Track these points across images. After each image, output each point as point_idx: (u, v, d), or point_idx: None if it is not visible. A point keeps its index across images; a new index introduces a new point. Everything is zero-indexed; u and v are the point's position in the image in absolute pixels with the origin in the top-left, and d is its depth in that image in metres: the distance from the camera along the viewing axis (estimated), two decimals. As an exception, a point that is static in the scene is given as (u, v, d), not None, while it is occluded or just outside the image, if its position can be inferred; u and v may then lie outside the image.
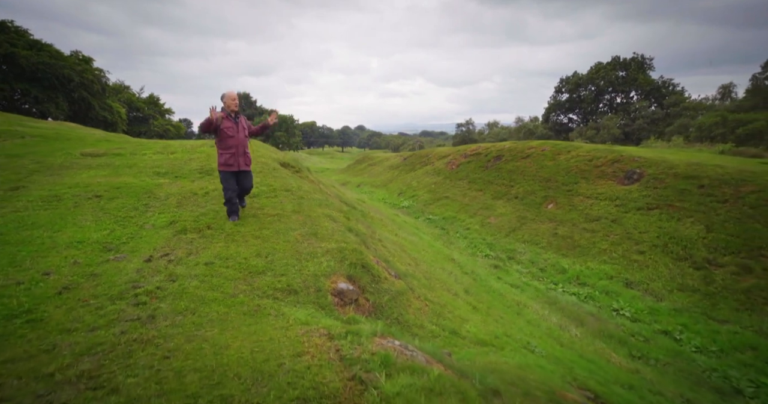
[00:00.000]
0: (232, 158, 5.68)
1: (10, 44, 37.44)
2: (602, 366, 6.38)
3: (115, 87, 54.20)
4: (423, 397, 2.43)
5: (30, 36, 41.28)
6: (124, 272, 4.25)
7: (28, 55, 38.17)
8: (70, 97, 42.11)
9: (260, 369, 2.70)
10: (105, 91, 45.95)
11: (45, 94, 40.40)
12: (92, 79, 43.16)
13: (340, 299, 4.54)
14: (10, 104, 39.37)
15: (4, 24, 39.30)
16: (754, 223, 10.45)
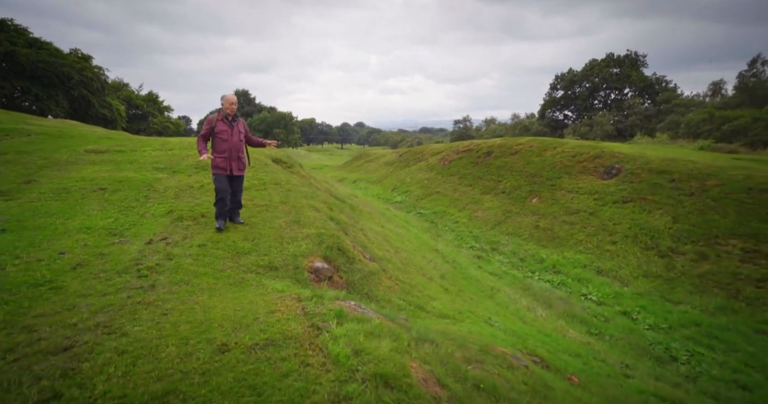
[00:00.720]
0: (225, 162, 5.64)
1: (10, 43, 37.86)
2: (557, 339, 7.08)
3: (114, 85, 54.72)
4: (362, 336, 3.12)
5: (29, 34, 41.65)
6: (128, 252, 4.94)
7: (28, 53, 38.59)
8: (70, 95, 42.60)
9: (239, 322, 3.38)
10: (104, 89, 46.45)
11: (45, 92, 40.86)
12: (91, 77, 43.65)
13: (315, 276, 5.23)
14: (11, 101, 39.90)
15: (3, 22, 39.69)
16: (714, 214, 11.15)
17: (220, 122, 5.63)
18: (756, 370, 7.03)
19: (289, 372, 2.71)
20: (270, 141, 6.14)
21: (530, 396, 3.46)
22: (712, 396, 6.37)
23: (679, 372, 7.06)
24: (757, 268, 9.39)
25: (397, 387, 2.66)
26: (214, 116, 5.67)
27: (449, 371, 3.18)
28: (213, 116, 5.68)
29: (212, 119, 5.65)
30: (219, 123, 5.63)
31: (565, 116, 53.82)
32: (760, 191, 11.16)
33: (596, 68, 48.71)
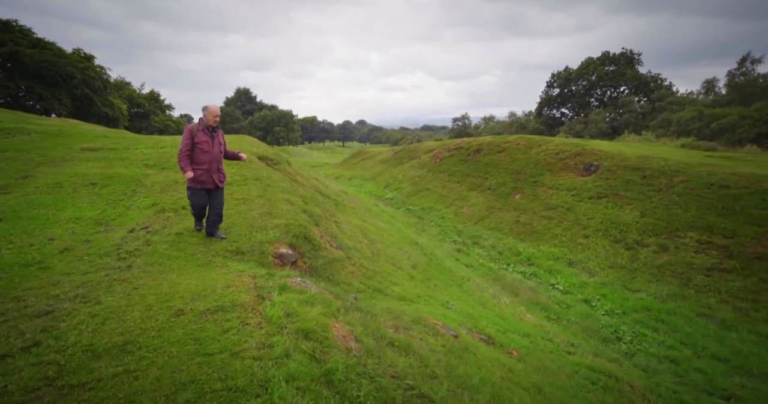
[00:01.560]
0: (205, 174, 5.47)
1: (15, 43, 38.56)
2: (512, 322, 7.67)
3: (116, 84, 55.46)
4: (296, 303, 3.73)
5: (33, 35, 42.32)
6: (111, 239, 5.56)
7: (32, 53, 39.28)
8: (73, 94, 43.35)
9: (198, 293, 3.99)
10: (106, 88, 47.20)
11: (48, 91, 41.61)
12: (93, 76, 44.37)
13: (279, 261, 5.84)
14: (15, 101, 40.68)
15: (8, 23, 40.42)
16: (677, 209, 11.69)
17: (201, 133, 5.40)
18: (688, 347, 7.64)
19: (229, 329, 3.32)
20: (244, 154, 6.05)
21: (442, 355, 4.07)
22: (642, 368, 6.96)
23: (619, 349, 7.66)
24: (708, 258, 9.95)
25: (315, 339, 3.26)
26: (194, 126, 5.41)
27: (369, 331, 3.78)
28: (192, 126, 5.43)
29: (192, 129, 5.40)
30: (199, 134, 5.39)
31: (562, 113, 54.24)
32: (719, 187, 11.70)
33: (592, 66, 49.09)
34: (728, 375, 6.78)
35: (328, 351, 3.21)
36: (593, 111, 46.13)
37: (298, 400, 2.61)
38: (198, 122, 5.52)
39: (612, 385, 5.99)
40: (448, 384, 3.62)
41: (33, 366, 2.76)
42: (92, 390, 2.54)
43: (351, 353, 3.33)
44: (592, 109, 49.02)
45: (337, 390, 2.87)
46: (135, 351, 2.98)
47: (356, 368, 3.16)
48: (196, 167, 5.43)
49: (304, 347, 3.14)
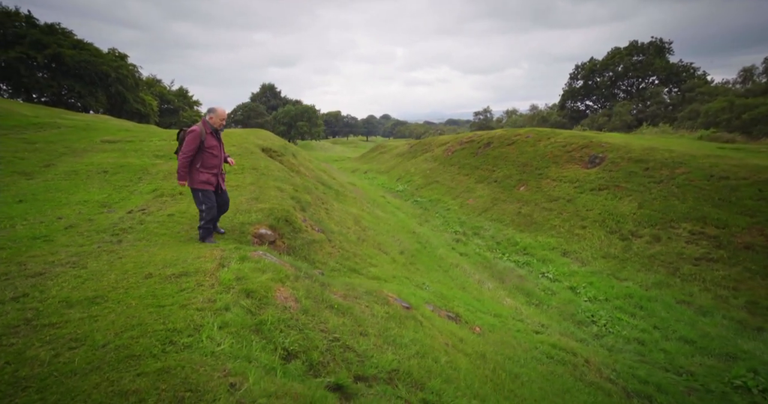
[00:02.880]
0: (214, 177, 5.38)
1: (58, 45, 41.01)
2: (487, 304, 8.05)
3: (147, 81, 58.04)
4: (249, 270, 4.29)
5: (74, 36, 44.77)
6: (110, 219, 6.31)
7: (73, 54, 41.67)
8: (108, 91, 45.69)
9: (170, 262, 4.62)
10: (138, 85, 49.50)
11: (86, 89, 44.07)
12: (126, 74, 46.62)
13: (259, 240, 6.45)
14: (59, 99, 43.31)
15: (52, 26, 42.98)
16: (675, 200, 11.66)
17: (210, 137, 5.28)
18: (659, 330, 7.84)
19: (185, 289, 3.91)
20: (232, 160, 5.96)
21: (381, 319, 4.56)
22: (607, 348, 7.24)
23: (591, 331, 7.93)
24: (698, 248, 9.96)
25: (255, 298, 3.81)
26: (200, 130, 5.18)
27: (311, 295, 4.31)
28: (199, 129, 5.19)
29: (200, 133, 5.17)
30: (209, 138, 5.26)
31: (587, 106, 52.99)
32: (719, 179, 11.59)
33: (618, 57, 47.67)
34: (690, 355, 6.98)
35: (265, 308, 3.75)
36: (618, 103, 44.89)
37: (224, 340, 3.16)
38: (202, 125, 5.26)
39: (568, 359, 6.32)
40: (375, 340, 4.11)
41: (17, 310, 3.44)
42: (58, 328, 3.17)
43: (287, 310, 3.87)
44: (618, 101, 47.66)
45: (265, 336, 3.41)
46: (102, 302, 3.61)
47: (288, 321, 3.69)
48: (205, 171, 5.29)
49: (243, 303, 3.70)
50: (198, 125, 5.29)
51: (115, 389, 2.41)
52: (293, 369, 3.20)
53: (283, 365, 3.18)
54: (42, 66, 41.41)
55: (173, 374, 2.57)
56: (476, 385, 4.30)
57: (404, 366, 3.88)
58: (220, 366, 2.75)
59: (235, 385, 2.54)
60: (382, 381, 3.59)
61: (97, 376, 2.53)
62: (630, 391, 5.78)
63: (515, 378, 5.09)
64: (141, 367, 2.64)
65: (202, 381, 2.52)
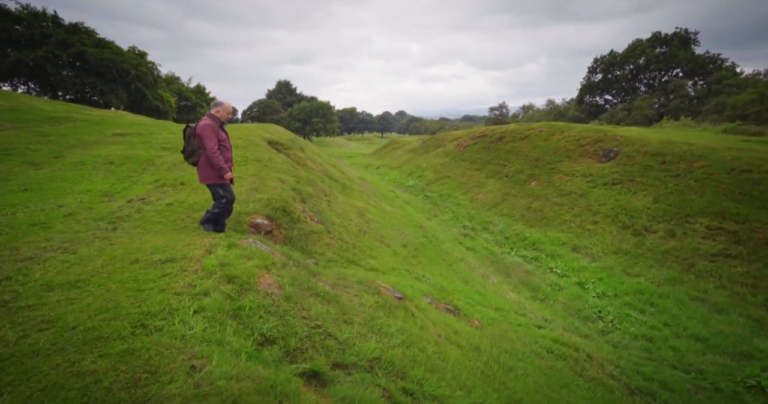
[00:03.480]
0: (230, 170, 5.47)
1: (81, 43, 42.10)
2: (489, 298, 7.90)
3: (166, 78, 59.13)
4: (234, 257, 4.26)
5: (96, 35, 45.86)
6: (110, 207, 6.38)
7: (95, 52, 42.71)
8: (128, 88, 46.67)
9: (160, 249, 4.62)
10: (157, 82, 50.41)
11: (108, 86, 45.15)
12: (145, 71, 47.53)
13: (255, 229, 6.43)
14: (82, 96, 44.42)
15: (76, 26, 44.18)
16: (692, 194, 11.23)
17: (220, 130, 5.32)
18: (669, 327, 7.54)
19: (168, 274, 3.90)
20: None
21: (369, 308, 4.48)
22: (613, 344, 7.01)
23: (597, 327, 7.69)
24: (715, 244, 9.57)
25: (236, 283, 3.77)
26: (211, 124, 5.23)
27: (297, 283, 4.25)
28: (210, 123, 5.23)
29: (213, 127, 5.23)
30: (220, 131, 5.30)
31: (606, 100, 51.69)
32: (741, 172, 11.10)
33: (639, 49, 46.28)
34: (702, 354, 6.70)
35: (245, 293, 3.70)
36: (638, 97, 43.63)
37: (198, 324, 3.12)
38: (211, 119, 5.29)
39: (569, 355, 6.14)
40: (359, 328, 4.04)
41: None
42: (33, 310, 3.18)
43: (269, 297, 3.81)
44: (639, 95, 46.33)
45: (243, 321, 3.36)
46: (83, 286, 3.62)
47: (268, 308, 3.63)
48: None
49: (224, 288, 3.66)
50: (207, 120, 5.26)
51: (73, 370, 2.38)
52: (268, 354, 3.15)
53: (257, 350, 3.12)
54: (66, 64, 42.57)
55: (136, 356, 2.54)
56: (464, 376, 4.18)
57: (387, 355, 3.79)
58: (187, 349, 2.70)
59: (196, 367, 2.49)
60: (362, 369, 3.50)
61: (59, 357, 2.51)
62: (633, 388, 5.58)
63: (509, 371, 4.95)
64: (106, 349, 2.61)
65: (164, 363, 2.47)
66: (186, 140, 5.32)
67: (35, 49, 39.64)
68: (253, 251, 4.55)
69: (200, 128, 5.17)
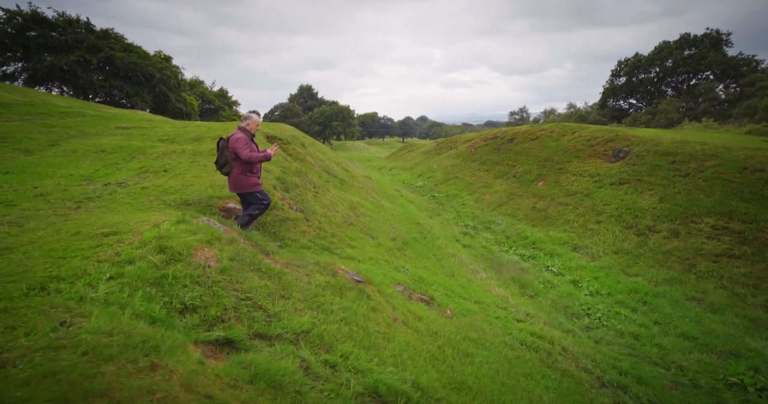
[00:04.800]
0: (259, 175, 5.72)
1: (110, 48, 43.84)
2: (472, 291, 7.65)
3: (191, 82, 60.90)
4: (179, 231, 4.21)
5: (125, 40, 47.67)
6: (85, 190, 6.48)
7: (122, 56, 44.38)
8: (153, 91, 48.18)
9: (111, 224, 4.62)
10: (180, 85, 51.90)
11: (134, 89, 46.75)
12: (170, 75, 49.01)
13: (226, 213, 6.41)
14: (111, 99, 46.13)
15: (107, 31, 46.16)
16: (700, 194, 10.69)
17: (251, 143, 5.57)
18: (659, 326, 7.14)
19: (102, 245, 3.88)
20: (273, 148, 5.87)
21: (316, 287, 4.36)
22: (595, 340, 6.66)
23: (582, 323, 7.33)
24: (720, 244, 9.04)
25: (168, 254, 3.70)
26: (244, 137, 5.47)
27: (239, 258, 4.15)
28: (243, 136, 5.46)
29: (244, 138, 5.45)
30: (251, 143, 5.55)
31: (630, 104, 50.17)
32: (753, 171, 10.50)
33: (666, 51, 44.78)
34: (689, 352, 6.29)
35: (174, 263, 3.64)
36: (664, 100, 42.14)
37: (105, 288, 3.07)
38: (242, 132, 5.50)
39: (543, 347, 5.86)
40: (297, 304, 3.91)
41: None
42: (-48, 270, 3.20)
43: (201, 268, 3.73)
44: (665, 98, 44.77)
45: (163, 289, 3.30)
46: (6, 254, 3.62)
47: (197, 278, 3.56)
48: (252, 174, 5.58)
49: (152, 258, 3.61)
50: (239, 133, 5.48)
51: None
52: (179, 321, 3.07)
53: (168, 316, 3.05)
54: (96, 68, 44.32)
55: (10, 313, 2.48)
56: (404, 356, 3.99)
57: (319, 330, 3.65)
58: (75, 309, 2.64)
59: (66, 323, 2.42)
60: (286, 341, 3.37)
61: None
62: (605, 381, 5.26)
63: (465, 357, 4.72)
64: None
65: (35, 320, 2.41)
66: (219, 152, 5.57)
67: (68, 54, 41.49)
68: (200, 226, 4.51)
69: (233, 140, 5.39)
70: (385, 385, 3.22)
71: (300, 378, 2.89)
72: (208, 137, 10.86)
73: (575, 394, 4.84)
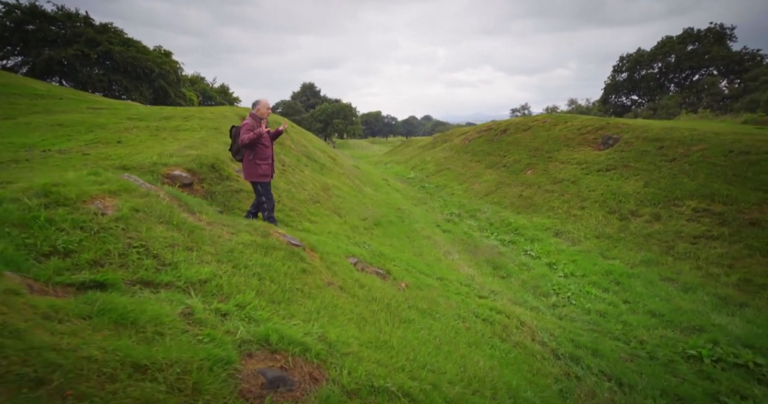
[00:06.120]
0: (269, 168, 5.51)
1: (109, 42, 43.70)
2: (435, 269, 7.32)
3: (192, 78, 60.87)
4: (83, 181, 3.93)
5: (124, 35, 47.52)
6: (19, 155, 6.22)
7: (121, 50, 44.19)
8: (152, 86, 48.06)
9: (20, 179, 4.37)
10: (180, 81, 51.77)
11: (132, 84, 46.55)
12: (169, 70, 48.87)
13: (170, 181, 6.11)
14: (110, 93, 46.03)
15: (106, 26, 46.02)
16: (684, 177, 10.34)
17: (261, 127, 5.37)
18: (628, 304, 6.87)
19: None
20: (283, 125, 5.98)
21: (238, 244, 4.06)
22: (559, 317, 6.33)
23: (549, 302, 7.00)
24: (699, 226, 8.69)
25: (51, 198, 3.40)
26: (250, 122, 5.29)
27: (145, 209, 3.85)
28: (250, 122, 5.29)
29: (252, 125, 5.27)
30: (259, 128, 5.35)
31: (632, 101, 49.47)
32: (738, 154, 10.15)
33: (668, 46, 44.04)
34: (653, 328, 5.99)
35: (56, 208, 3.32)
36: (666, 96, 41.46)
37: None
38: (252, 119, 5.34)
39: (499, 320, 5.55)
40: (205, 256, 3.62)
41: None
42: None
43: (91, 214, 3.42)
44: (668, 94, 44.05)
45: (31, 231, 3.00)
46: None
47: (82, 223, 3.26)
48: (261, 162, 5.42)
49: (29, 201, 3.28)
50: (248, 119, 5.40)
51: None
52: (39, 263, 2.76)
53: (24, 258, 2.74)
54: (95, 62, 44.20)
55: None
56: (322, 313, 3.67)
57: (220, 280, 3.35)
58: None
59: None
60: (175, 289, 3.08)
61: None
62: (560, 354, 4.92)
63: (402, 322, 4.40)
64: None
65: None
66: (233, 140, 5.60)
67: (67, 47, 41.44)
68: (112, 179, 4.22)
69: (242, 125, 5.37)
70: (278, 334, 2.91)
71: (170, 320, 2.58)
72: (180, 117, 10.60)
73: (522, 364, 4.51)
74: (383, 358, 3.40)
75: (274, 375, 2.62)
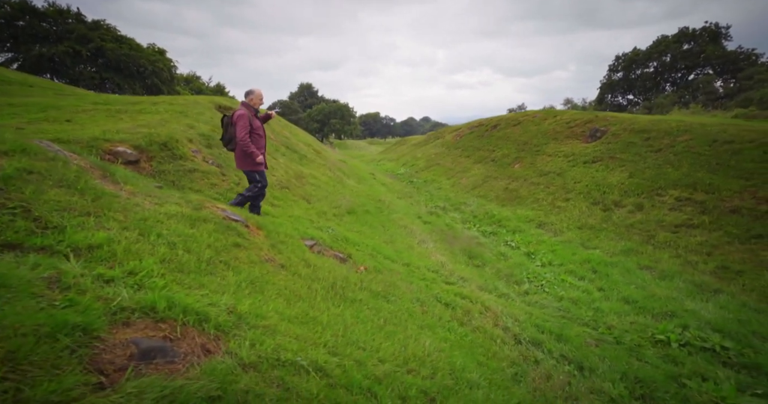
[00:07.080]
0: (264, 157, 5.53)
1: (101, 39, 43.26)
2: (404, 255, 6.95)
3: (187, 77, 60.54)
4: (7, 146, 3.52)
5: (117, 32, 47.06)
6: None
7: (113, 47, 43.76)
8: (145, 84, 47.68)
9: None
10: (173, 79, 51.41)
11: (125, 81, 46.11)
12: (162, 68, 48.52)
13: (113, 157, 5.73)
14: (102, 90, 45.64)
15: (98, 22, 45.56)
16: (668, 167, 10.09)
17: (254, 119, 5.40)
18: (602, 292, 6.60)
19: None
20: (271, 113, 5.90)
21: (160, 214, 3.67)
22: (529, 303, 6.00)
23: (521, 289, 6.65)
24: (681, 214, 8.44)
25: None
26: (246, 113, 5.25)
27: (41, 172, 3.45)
28: (245, 112, 5.25)
29: (247, 115, 5.25)
30: (254, 120, 5.37)
31: (628, 100, 49.25)
32: (722, 143, 9.95)
33: (663, 45, 43.83)
34: (625, 314, 5.68)
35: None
36: (661, 95, 41.23)
37: None
38: (246, 108, 5.31)
39: (462, 305, 5.18)
40: (108, 223, 3.20)
41: None
42: None
43: None
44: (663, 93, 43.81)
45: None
46: None
47: None
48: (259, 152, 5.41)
49: None
50: (242, 109, 5.31)
51: None
52: None
53: None
54: (86, 59, 43.76)
55: None
56: (243, 286, 3.27)
57: (115, 247, 2.93)
58: None
59: None
60: (52, 253, 2.65)
61: None
62: (522, 339, 4.54)
63: (343, 301, 4.02)
64: None
65: None
66: (224, 129, 5.44)
67: (57, 44, 41.03)
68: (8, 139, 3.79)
69: (236, 116, 5.22)
70: (169, 302, 2.49)
71: (20, 284, 2.16)
72: (149, 102, 10.21)
73: (477, 347, 4.13)
74: (305, 333, 3.00)
75: (150, 344, 2.20)
